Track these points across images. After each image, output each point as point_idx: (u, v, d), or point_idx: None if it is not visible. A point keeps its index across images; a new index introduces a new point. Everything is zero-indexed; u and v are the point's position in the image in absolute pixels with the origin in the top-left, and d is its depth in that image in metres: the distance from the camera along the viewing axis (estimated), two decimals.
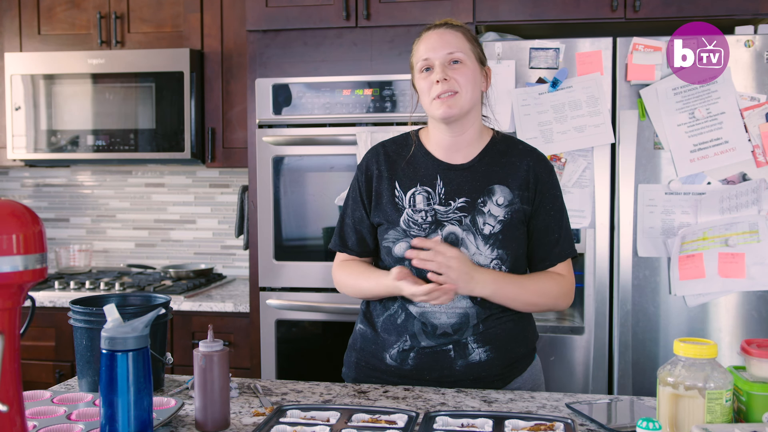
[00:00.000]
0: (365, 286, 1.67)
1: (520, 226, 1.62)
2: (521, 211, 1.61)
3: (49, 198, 3.58)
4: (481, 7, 2.52)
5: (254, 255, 2.70)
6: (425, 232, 1.61)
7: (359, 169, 1.73)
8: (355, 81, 2.59)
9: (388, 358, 1.65)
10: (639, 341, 2.37)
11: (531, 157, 1.65)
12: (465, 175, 1.63)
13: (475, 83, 1.60)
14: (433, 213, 1.61)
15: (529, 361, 1.69)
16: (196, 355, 1.34)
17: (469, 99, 1.58)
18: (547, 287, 1.63)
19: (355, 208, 1.72)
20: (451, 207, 1.61)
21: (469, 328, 1.60)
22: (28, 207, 1.08)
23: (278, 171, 2.65)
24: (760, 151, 2.29)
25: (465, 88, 1.57)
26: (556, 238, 1.64)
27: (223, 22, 3.01)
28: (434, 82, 1.57)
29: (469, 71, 1.58)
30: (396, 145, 1.73)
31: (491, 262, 1.59)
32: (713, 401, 1.19)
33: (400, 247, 1.62)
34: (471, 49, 1.61)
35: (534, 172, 1.63)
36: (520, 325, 1.66)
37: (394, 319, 1.64)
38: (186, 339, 2.82)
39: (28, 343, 2.83)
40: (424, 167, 1.66)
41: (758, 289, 2.30)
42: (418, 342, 1.61)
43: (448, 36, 1.60)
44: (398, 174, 1.67)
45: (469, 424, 1.33)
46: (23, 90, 3.07)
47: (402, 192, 1.65)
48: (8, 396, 1.03)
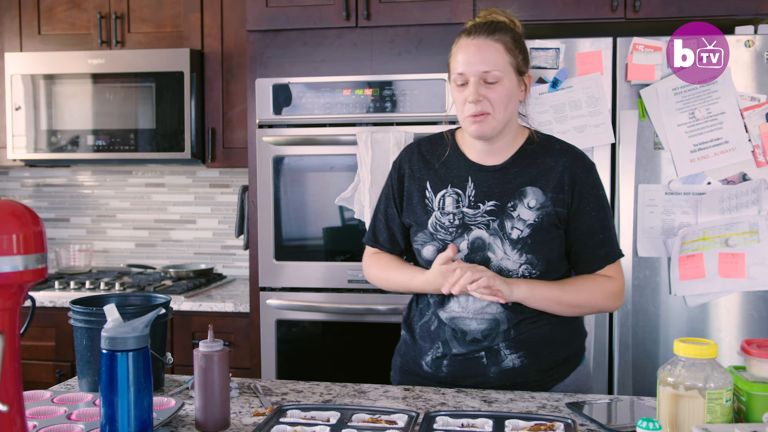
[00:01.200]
0: (398, 279, 1.67)
1: (553, 230, 1.56)
2: (554, 214, 1.56)
3: (49, 198, 3.58)
4: (481, 8, 2.50)
5: (254, 255, 2.70)
6: (452, 236, 1.58)
7: (393, 166, 1.73)
8: (355, 81, 2.59)
9: (424, 366, 1.64)
10: (639, 341, 2.37)
11: (567, 157, 1.59)
12: (496, 176, 1.59)
13: (510, 99, 1.54)
14: (461, 216, 1.59)
15: (573, 365, 1.64)
16: (196, 355, 1.34)
17: (502, 119, 1.54)
18: (590, 289, 1.58)
19: (387, 205, 1.72)
20: (480, 210, 1.58)
21: (499, 334, 1.56)
22: (28, 207, 1.08)
23: (278, 171, 2.65)
24: (760, 151, 2.29)
25: (498, 108, 1.53)
26: (601, 240, 1.58)
27: (223, 22, 3.01)
28: (467, 100, 1.53)
29: (505, 90, 1.53)
30: (431, 144, 1.70)
31: (520, 267, 1.55)
32: (713, 401, 1.19)
33: (428, 251, 1.61)
34: (510, 62, 1.53)
35: (570, 172, 1.57)
36: (558, 329, 1.60)
37: (428, 326, 1.63)
38: (186, 339, 2.82)
39: (28, 343, 2.83)
40: (457, 168, 1.63)
41: (758, 289, 2.30)
42: (450, 349, 1.59)
43: (486, 51, 1.52)
44: (430, 174, 1.65)
45: (469, 424, 1.33)
46: (23, 90, 3.07)
47: (432, 193, 1.63)
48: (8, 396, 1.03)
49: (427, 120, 2.54)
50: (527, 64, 1.60)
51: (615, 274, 1.60)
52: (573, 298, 1.56)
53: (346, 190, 2.57)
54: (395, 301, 2.57)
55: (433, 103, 2.53)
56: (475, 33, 1.55)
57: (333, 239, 2.67)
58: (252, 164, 2.68)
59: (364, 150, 2.52)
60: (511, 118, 1.58)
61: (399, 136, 2.50)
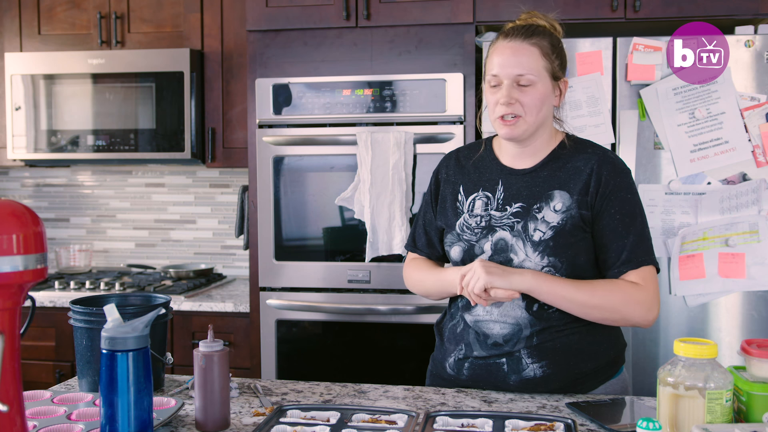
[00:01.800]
0: (429, 281, 1.70)
1: (577, 233, 1.54)
2: (578, 216, 1.53)
3: (49, 198, 3.58)
4: (481, 7, 2.52)
5: (254, 255, 2.70)
6: (476, 236, 1.59)
7: (433, 172, 1.77)
8: (355, 81, 2.59)
9: (447, 368, 1.64)
10: (639, 341, 2.37)
11: (597, 159, 1.57)
12: (526, 179, 1.60)
13: (543, 103, 1.54)
14: (488, 218, 1.59)
15: (604, 377, 1.59)
16: (196, 355, 1.34)
17: (533, 122, 1.54)
18: (607, 290, 1.51)
19: (426, 210, 1.76)
20: (506, 212, 1.58)
21: (521, 340, 1.54)
22: (28, 207, 1.08)
23: (278, 171, 2.65)
24: (760, 151, 2.29)
25: (530, 112, 1.53)
26: (624, 244, 1.52)
27: (223, 22, 3.01)
28: (499, 102, 1.53)
29: (538, 94, 1.53)
30: (469, 150, 1.73)
31: (542, 269, 1.52)
32: (713, 401, 1.19)
33: (455, 251, 1.63)
34: (545, 66, 1.53)
35: (597, 174, 1.54)
36: (587, 339, 1.55)
37: (455, 329, 1.64)
38: (186, 339, 2.81)
39: (28, 343, 2.83)
40: (489, 172, 1.65)
41: (758, 289, 2.30)
42: (472, 351, 1.59)
43: (521, 54, 1.52)
44: (464, 179, 1.67)
45: (469, 424, 1.33)
46: (23, 90, 3.07)
47: (464, 197, 1.65)
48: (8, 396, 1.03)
49: (427, 120, 2.54)
50: (564, 69, 1.59)
51: (642, 281, 1.51)
52: (586, 298, 1.49)
53: (346, 190, 2.57)
54: (395, 301, 2.57)
55: (433, 103, 2.53)
56: (512, 36, 1.55)
57: (333, 239, 2.67)
58: (252, 164, 2.68)
59: (364, 150, 2.52)
60: (544, 122, 1.58)
61: (399, 136, 2.50)
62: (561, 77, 1.58)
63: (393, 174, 2.50)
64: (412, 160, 2.53)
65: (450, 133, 2.51)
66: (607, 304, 1.50)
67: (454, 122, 2.54)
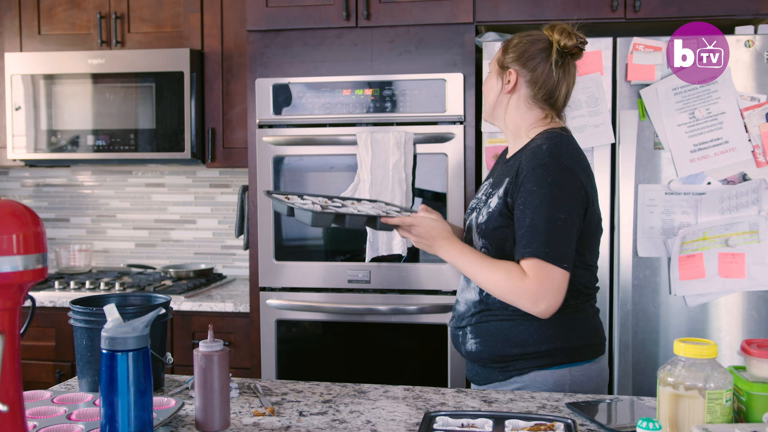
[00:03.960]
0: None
1: (503, 219, 1.66)
2: (503, 204, 1.67)
3: (49, 198, 3.58)
4: (481, 7, 2.52)
5: (254, 255, 2.70)
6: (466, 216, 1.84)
7: None
8: (355, 81, 2.59)
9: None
10: (639, 341, 2.37)
11: (529, 151, 1.67)
12: (502, 168, 1.78)
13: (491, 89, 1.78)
14: (475, 201, 1.81)
15: (534, 365, 1.66)
16: (196, 355, 1.34)
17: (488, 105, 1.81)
18: (496, 271, 1.62)
19: None
20: (480, 198, 1.79)
21: (467, 318, 1.75)
22: (28, 207, 1.08)
23: (278, 171, 2.64)
24: (760, 151, 2.29)
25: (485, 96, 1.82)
26: (521, 234, 1.61)
27: (223, 22, 3.01)
28: None
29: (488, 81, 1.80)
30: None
31: (480, 250, 1.72)
32: (713, 401, 1.19)
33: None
34: (497, 58, 1.77)
35: (520, 165, 1.65)
36: (519, 328, 1.66)
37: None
38: (186, 339, 2.82)
39: (28, 343, 2.83)
40: (500, 163, 1.86)
41: (758, 289, 2.30)
42: (452, 320, 1.83)
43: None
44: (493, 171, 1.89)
45: (469, 424, 1.33)
46: (23, 90, 3.07)
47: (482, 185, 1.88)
48: (8, 396, 1.03)
49: (427, 120, 2.54)
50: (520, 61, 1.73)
51: (530, 273, 1.57)
52: (475, 273, 1.65)
53: (346, 190, 2.57)
54: (395, 301, 2.57)
55: (433, 103, 2.53)
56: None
57: (333, 239, 2.67)
58: (252, 164, 2.68)
59: (364, 150, 2.52)
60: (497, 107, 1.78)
61: (399, 136, 2.50)
62: (507, 67, 1.73)
63: (393, 174, 2.50)
64: (412, 160, 2.53)
65: (450, 133, 2.51)
66: (496, 289, 1.63)
67: (454, 122, 2.54)
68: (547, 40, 1.70)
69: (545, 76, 1.69)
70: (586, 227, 1.65)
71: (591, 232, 1.68)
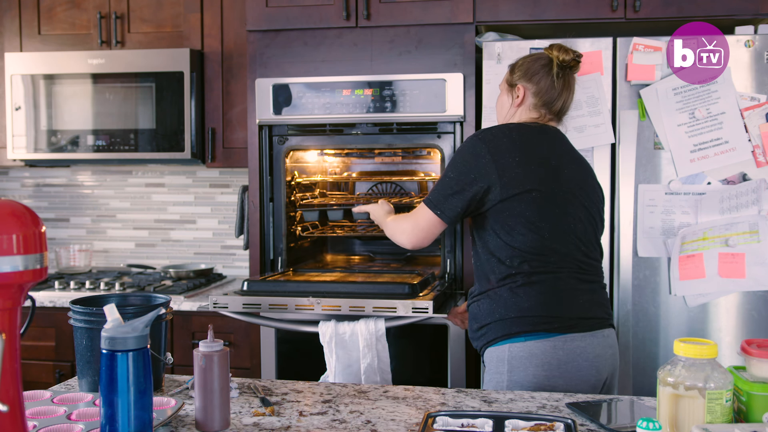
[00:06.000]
0: None
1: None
2: None
3: (49, 198, 3.58)
4: (481, 7, 2.52)
5: (254, 255, 2.69)
6: None
7: None
8: (355, 81, 2.59)
9: None
10: (639, 341, 2.37)
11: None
12: None
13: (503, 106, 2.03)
14: None
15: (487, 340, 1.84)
16: (196, 355, 1.34)
17: (500, 119, 2.06)
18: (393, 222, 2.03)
19: None
20: None
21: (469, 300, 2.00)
22: (28, 207, 1.08)
23: None
24: (760, 151, 2.29)
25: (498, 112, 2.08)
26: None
27: (223, 22, 3.01)
28: None
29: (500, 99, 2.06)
30: None
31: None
32: (713, 401, 1.19)
33: None
34: (506, 79, 2.02)
35: None
36: (480, 307, 1.88)
37: None
38: (186, 339, 2.81)
39: (28, 343, 2.83)
40: None
41: (758, 289, 2.30)
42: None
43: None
44: None
45: (469, 424, 1.33)
46: (23, 90, 3.07)
47: None
48: (8, 396, 1.03)
49: (427, 120, 2.54)
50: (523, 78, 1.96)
51: (412, 213, 1.94)
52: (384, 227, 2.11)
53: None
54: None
55: (433, 103, 2.53)
56: None
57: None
58: (252, 164, 2.68)
59: (328, 352, 2.21)
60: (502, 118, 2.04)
61: (368, 334, 2.16)
62: (515, 84, 1.97)
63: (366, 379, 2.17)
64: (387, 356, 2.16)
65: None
66: (391, 231, 2.03)
67: (454, 122, 2.54)
68: (547, 57, 1.94)
69: (548, 87, 1.93)
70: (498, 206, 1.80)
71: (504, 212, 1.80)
